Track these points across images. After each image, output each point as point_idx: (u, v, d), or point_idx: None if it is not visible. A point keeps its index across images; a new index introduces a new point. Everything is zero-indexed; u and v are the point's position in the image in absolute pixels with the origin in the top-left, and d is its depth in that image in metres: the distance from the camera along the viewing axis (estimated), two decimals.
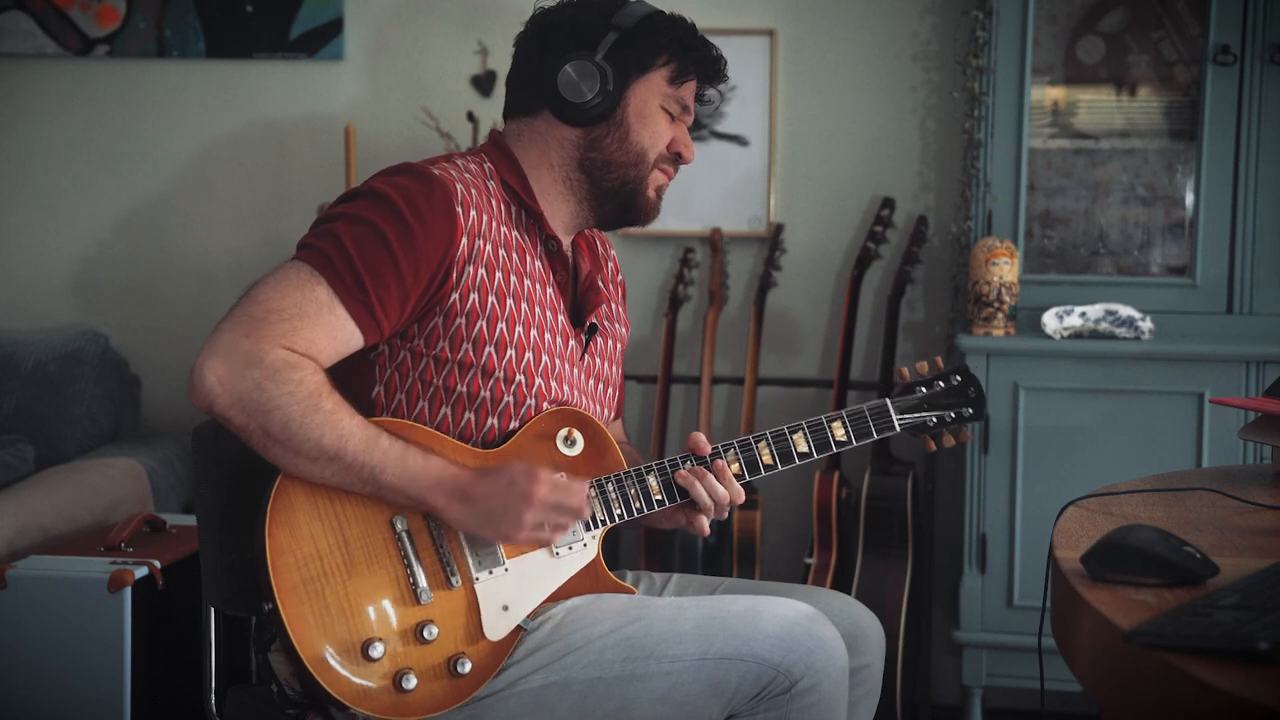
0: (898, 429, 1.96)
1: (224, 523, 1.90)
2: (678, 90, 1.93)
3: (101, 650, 2.55)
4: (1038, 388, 3.07)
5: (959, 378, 2.00)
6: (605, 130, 1.90)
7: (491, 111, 3.57)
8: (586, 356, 1.95)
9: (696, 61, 1.94)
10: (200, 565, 1.95)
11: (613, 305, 2.06)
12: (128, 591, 2.56)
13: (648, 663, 1.73)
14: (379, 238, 1.73)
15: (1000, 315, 3.12)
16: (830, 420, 1.94)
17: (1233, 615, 1.21)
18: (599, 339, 1.98)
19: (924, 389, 1.99)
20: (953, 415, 1.99)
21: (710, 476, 1.88)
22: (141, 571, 2.60)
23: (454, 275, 1.77)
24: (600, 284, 2.02)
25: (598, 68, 1.86)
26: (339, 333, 1.73)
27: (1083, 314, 3.09)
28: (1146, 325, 3.06)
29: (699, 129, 3.57)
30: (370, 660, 1.69)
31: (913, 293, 3.55)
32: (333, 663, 1.68)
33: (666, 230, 3.61)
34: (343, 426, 1.69)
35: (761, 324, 3.51)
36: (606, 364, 2.01)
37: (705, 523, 1.92)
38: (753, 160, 3.59)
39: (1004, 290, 3.11)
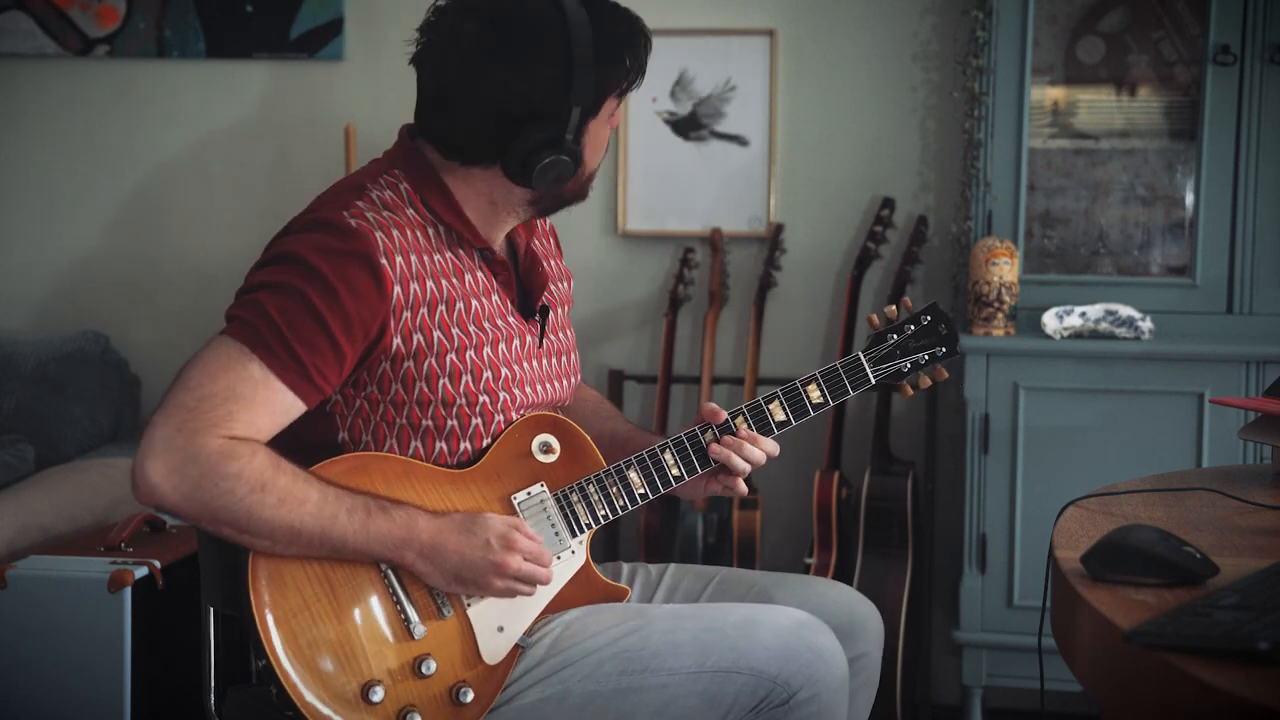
0: (873, 382, 1.93)
1: None
2: (619, 103, 1.86)
3: (101, 650, 2.55)
4: (1038, 388, 3.07)
5: (929, 317, 1.95)
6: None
7: None
8: (546, 339, 1.91)
9: (639, 72, 1.84)
10: (200, 565, 1.95)
11: (551, 262, 2.00)
12: (128, 591, 2.56)
13: (644, 675, 1.72)
14: (306, 306, 1.67)
15: (1000, 315, 3.12)
16: (804, 383, 1.91)
17: (1233, 615, 1.21)
18: (552, 315, 1.94)
19: (895, 335, 1.94)
20: (926, 357, 1.94)
21: (745, 445, 1.86)
22: (141, 571, 2.60)
23: (391, 325, 1.72)
24: (535, 248, 1.96)
25: (570, 154, 1.77)
26: (278, 407, 1.68)
27: (1083, 314, 3.09)
28: (1146, 325, 3.06)
29: (699, 129, 3.58)
30: (371, 704, 1.68)
31: (913, 293, 3.54)
32: (334, 712, 1.67)
33: (666, 230, 3.61)
34: (292, 514, 1.65)
35: (761, 324, 3.51)
36: (561, 334, 1.97)
37: (740, 483, 1.90)
38: (753, 160, 3.59)
39: (1004, 290, 3.11)
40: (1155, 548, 1.40)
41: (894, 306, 1.97)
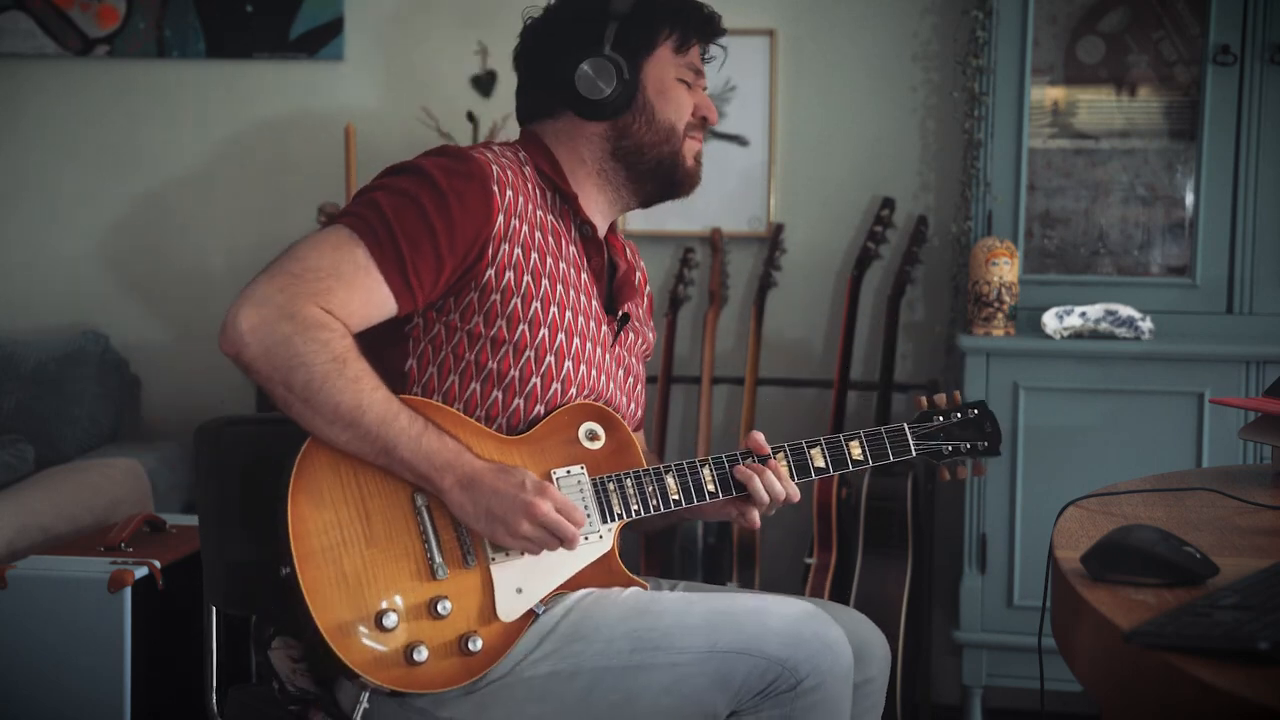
0: (914, 454, 2.00)
1: (224, 523, 1.90)
2: (685, 57, 1.98)
3: (101, 650, 2.55)
4: (1038, 388, 3.07)
5: (976, 411, 2.04)
6: (631, 117, 1.95)
7: (492, 111, 3.57)
8: (617, 346, 1.98)
9: (696, 24, 1.99)
10: (201, 565, 1.95)
11: (641, 310, 2.10)
12: (128, 591, 2.56)
13: (655, 654, 1.74)
14: (417, 209, 1.77)
15: (1000, 315, 3.12)
16: (848, 439, 1.98)
17: (1233, 615, 1.21)
18: (629, 333, 2.02)
19: (941, 418, 2.03)
20: (968, 446, 2.03)
21: (769, 473, 1.93)
22: (141, 571, 2.60)
23: (489, 252, 1.81)
24: (638, 284, 2.09)
25: (610, 61, 1.92)
26: (373, 297, 1.76)
27: (1083, 314, 3.09)
28: (1146, 325, 3.07)
29: None
30: (383, 630, 1.70)
31: (913, 293, 3.55)
32: (346, 630, 1.69)
33: (666, 230, 3.61)
34: (363, 395, 1.71)
35: (761, 324, 3.51)
36: (634, 360, 2.04)
37: (756, 516, 1.96)
38: (753, 160, 3.59)
39: (1004, 290, 3.11)
40: (1155, 548, 1.40)
41: (944, 395, 2.05)
